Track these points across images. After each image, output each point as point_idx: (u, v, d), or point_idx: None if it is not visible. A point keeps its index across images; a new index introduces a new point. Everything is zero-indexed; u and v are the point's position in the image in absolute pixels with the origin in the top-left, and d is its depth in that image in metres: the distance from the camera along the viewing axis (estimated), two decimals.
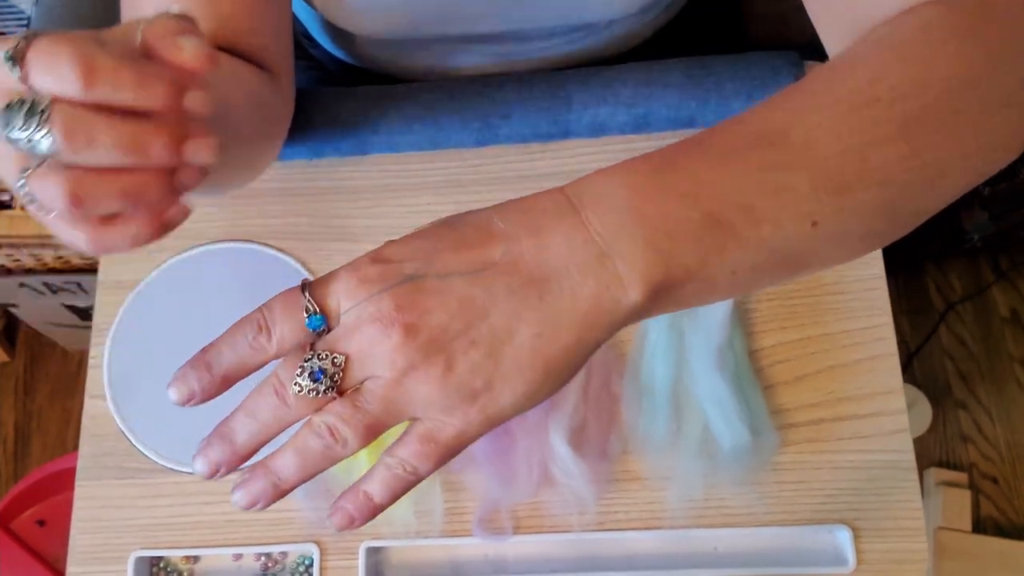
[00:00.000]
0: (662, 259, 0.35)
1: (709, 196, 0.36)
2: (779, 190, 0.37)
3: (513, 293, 0.35)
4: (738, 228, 0.36)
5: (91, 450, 0.66)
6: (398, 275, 0.35)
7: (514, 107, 0.69)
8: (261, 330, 0.36)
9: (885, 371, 0.63)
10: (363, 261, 0.36)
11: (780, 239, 0.37)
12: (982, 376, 1.40)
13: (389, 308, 0.34)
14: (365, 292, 0.35)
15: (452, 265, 0.35)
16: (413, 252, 0.36)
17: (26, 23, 1.10)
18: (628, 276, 0.35)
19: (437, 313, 0.35)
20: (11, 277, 1.21)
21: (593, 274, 0.35)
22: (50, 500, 1.29)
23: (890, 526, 0.61)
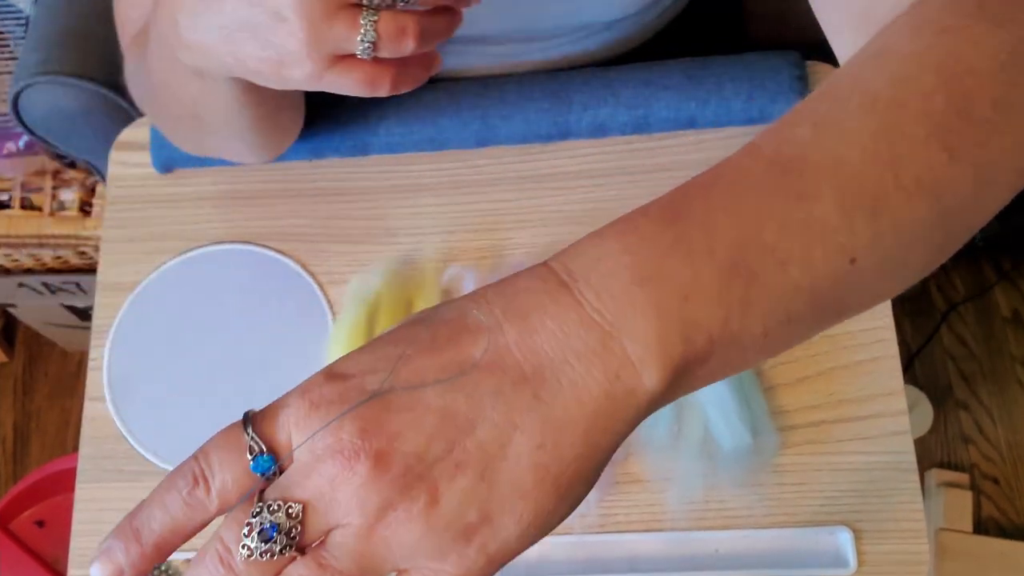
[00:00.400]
0: (679, 330, 0.30)
1: (724, 244, 0.31)
2: (806, 224, 0.32)
3: (502, 397, 0.29)
4: (763, 276, 0.31)
5: (91, 452, 0.66)
6: (359, 393, 0.29)
7: (514, 108, 0.68)
8: (197, 482, 0.30)
9: (886, 372, 0.63)
10: (316, 380, 0.30)
11: (814, 281, 0.32)
12: (984, 377, 1.40)
13: (351, 436, 0.28)
14: (319, 419, 0.29)
15: (424, 372, 0.29)
16: (375, 362, 0.30)
17: (25, 23, 1.09)
18: (641, 358, 0.29)
19: (411, 434, 0.29)
20: (10, 277, 1.21)
21: (598, 361, 0.29)
22: (49, 501, 1.29)
23: (891, 527, 0.61)
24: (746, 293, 0.31)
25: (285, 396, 0.30)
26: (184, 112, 0.53)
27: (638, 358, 0.29)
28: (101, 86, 0.82)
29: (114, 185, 0.72)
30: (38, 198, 1.11)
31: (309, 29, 0.40)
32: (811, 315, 0.33)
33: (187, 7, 0.42)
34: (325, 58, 0.41)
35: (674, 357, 0.30)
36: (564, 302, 0.30)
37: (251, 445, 0.29)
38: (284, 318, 0.67)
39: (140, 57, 0.55)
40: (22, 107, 0.84)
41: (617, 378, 0.29)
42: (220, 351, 0.66)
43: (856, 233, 0.32)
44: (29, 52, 0.84)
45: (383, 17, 0.41)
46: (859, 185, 0.32)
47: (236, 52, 0.42)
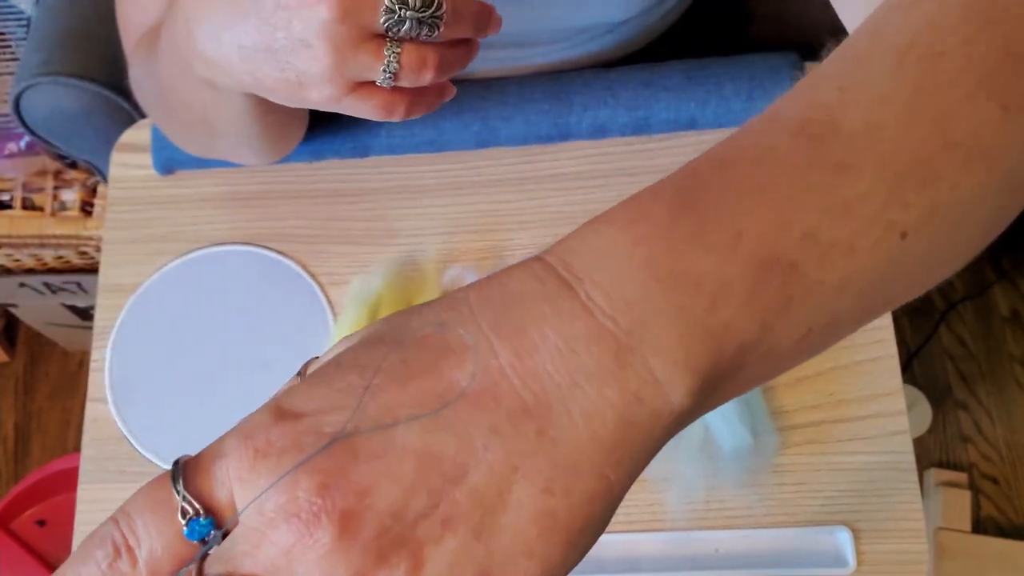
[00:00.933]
0: (708, 339, 0.25)
1: (755, 232, 0.26)
2: (848, 201, 0.26)
3: (499, 434, 0.23)
4: (803, 269, 0.26)
5: (93, 453, 0.66)
6: (316, 436, 0.23)
7: (515, 109, 0.69)
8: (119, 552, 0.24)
9: (885, 372, 0.63)
10: (261, 420, 0.24)
11: (863, 270, 0.27)
12: (982, 376, 1.40)
13: (308, 494, 0.22)
14: (268, 472, 0.23)
15: (396, 406, 0.24)
16: (336, 397, 0.24)
17: (26, 24, 1.09)
18: (666, 374, 0.24)
19: (385, 487, 0.23)
20: (11, 277, 1.21)
21: (614, 382, 0.24)
22: (50, 500, 1.29)
23: (890, 527, 0.61)
24: (785, 291, 0.26)
25: (223, 440, 0.24)
26: (193, 118, 0.53)
27: (663, 374, 0.24)
28: (102, 87, 0.82)
29: (115, 187, 0.72)
30: (39, 198, 1.12)
31: (334, 56, 0.40)
32: (857, 311, 0.28)
33: (206, 21, 0.42)
34: (346, 84, 0.42)
35: (702, 371, 0.25)
36: (568, 309, 0.24)
37: (183, 506, 0.24)
38: (285, 319, 0.67)
39: (146, 62, 0.55)
40: (23, 108, 0.84)
41: (639, 400, 0.24)
42: (221, 352, 0.67)
43: (907, 207, 0.27)
44: (30, 53, 0.84)
45: (406, 49, 0.42)
46: (904, 150, 0.27)
47: (255, 72, 0.42)
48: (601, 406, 0.24)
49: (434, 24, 0.41)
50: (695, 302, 0.25)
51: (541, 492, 0.23)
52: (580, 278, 0.25)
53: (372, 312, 0.64)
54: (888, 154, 0.27)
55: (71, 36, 0.84)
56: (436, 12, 0.41)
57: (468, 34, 0.44)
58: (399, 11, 0.40)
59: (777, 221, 0.26)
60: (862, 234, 0.26)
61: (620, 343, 0.24)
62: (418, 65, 0.42)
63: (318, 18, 0.39)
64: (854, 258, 0.26)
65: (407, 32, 0.41)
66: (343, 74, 0.41)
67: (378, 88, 0.43)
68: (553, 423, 0.24)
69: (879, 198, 0.27)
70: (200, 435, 0.72)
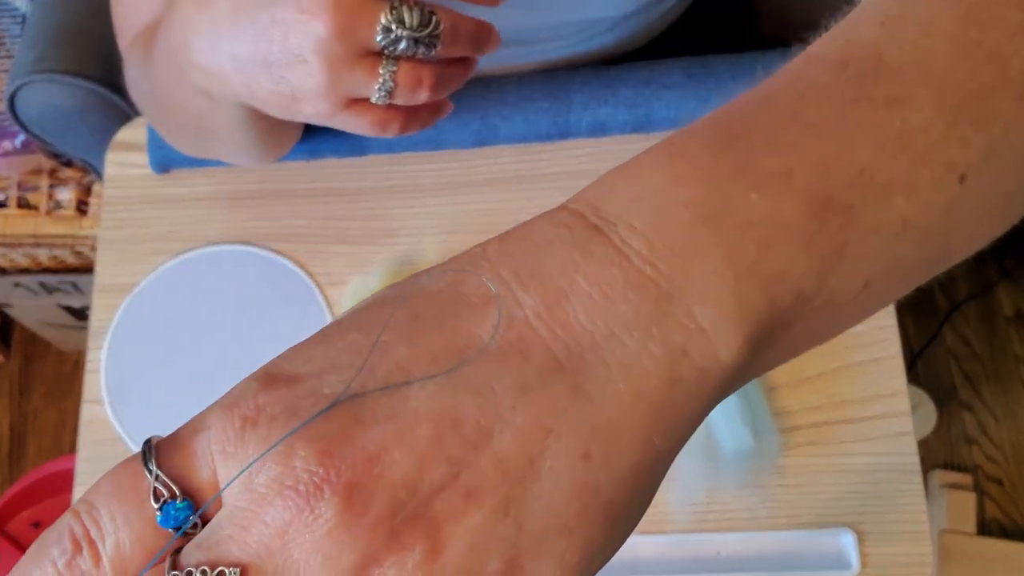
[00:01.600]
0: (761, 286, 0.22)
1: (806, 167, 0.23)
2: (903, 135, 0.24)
3: (527, 393, 0.20)
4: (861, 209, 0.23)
5: (89, 455, 0.65)
6: (314, 399, 0.20)
7: (514, 107, 0.68)
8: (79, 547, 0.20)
9: (889, 373, 0.63)
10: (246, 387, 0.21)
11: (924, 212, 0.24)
12: (987, 377, 1.39)
13: (307, 463, 0.19)
14: (257, 441, 0.20)
15: (408, 364, 0.21)
16: (336, 355, 0.21)
17: (21, 21, 1.09)
18: (715, 325, 0.21)
19: (397, 455, 0.20)
20: (6, 277, 1.21)
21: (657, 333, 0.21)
22: (46, 502, 1.29)
23: (894, 529, 0.61)
24: (843, 234, 0.23)
25: (203, 413, 0.21)
26: (188, 121, 0.53)
27: (711, 325, 0.21)
28: (97, 84, 0.82)
29: (111, 186, 0.71)
30: (34, 197, 1.11)
31: (329, 73, 0.40)
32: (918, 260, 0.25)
33: (203, 32, 0.42)
34: (340, 100, 0.42)
35: (756, 322, 0.22)
36: (601, 254, 0.22)
37: (155, 487, 0.20)
38: (283, 319, 0.66)
39: (141, 63, 0.55)
40: (18, 105, 0.83)
41: (684, 355, 0.21)
42: (218, 352, 0.66)
43: (967, 144, 0.25)
44: (25, 50, 0.83)
45: (402, 67, 0.41)
46: (958, 83, 0.25)
47: (250, 84, 0.42)
48: (643, 360, 0.21)
49: (431, 43, 0.41)
50: (746, 246, 0.22)
51: (579, 459, 0.20)
52: (613, 223, 0.22)
53: None
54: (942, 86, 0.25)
55: (66, 33, 0.84)
56: (433, 31, 0.41)
57: (466, 52, 0.44)
58: (396, 30, 0.40)
59: (829, 157, 0.23)
60: (920, 172, 0.24)
61: (661, 290, 0.21)
62: (413, 84, 0.42)
63: (314, 35, 0.39)
64: (913, 198, 0.24)
65: (404, 51, 0.41)
66: (337, 90, 0.41)
67: (373, 105, 0.43)
68: (589, 378, 0.21)
69: (936, 132, 0.24)
70: None
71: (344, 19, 0.39)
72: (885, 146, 0.24)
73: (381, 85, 0.41)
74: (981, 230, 0.27)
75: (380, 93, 0.42)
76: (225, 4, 0.41)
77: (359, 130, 0.44)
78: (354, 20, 0.39)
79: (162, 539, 0.20)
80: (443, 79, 0.43)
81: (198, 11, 0.42)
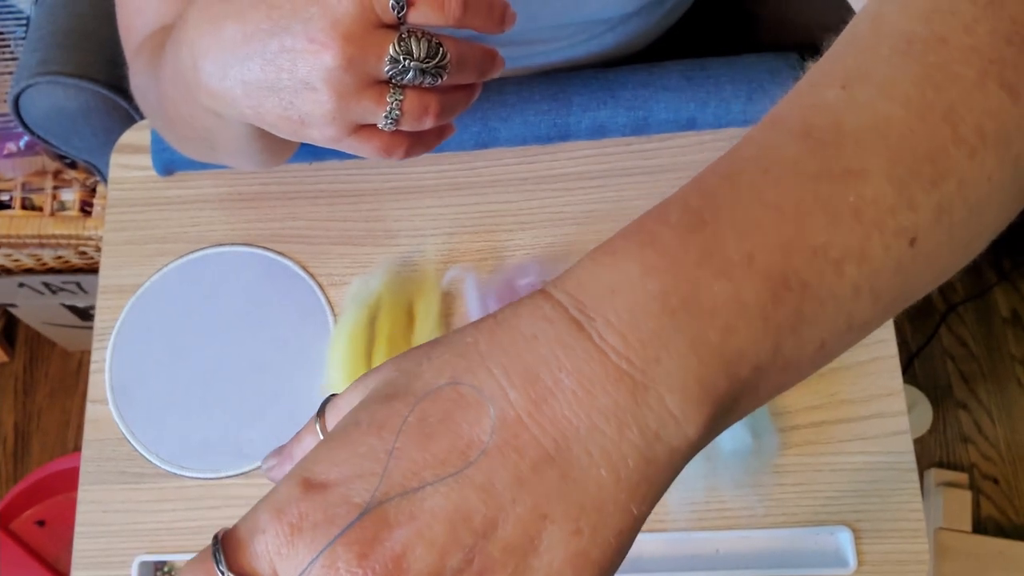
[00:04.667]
0: (723, 367, 0.25)
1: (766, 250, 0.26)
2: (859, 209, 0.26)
3: (524, 485, 0.24)
4: (816, 283, 0.26)
5: (93, 454, 0.66)
6: (347, 507, 0.24)
7: (514, 110, 0.68)
8: None
9: (886, 373, 0.63)
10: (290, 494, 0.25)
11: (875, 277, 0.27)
12: (983, 377, 1.40)
13: (349, 564, 0.23)
14: (307, 547, 0.24)
15: (421, 469, 0.24)
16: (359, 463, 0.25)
17: (25, 23, 1.09)
18: (682, 408, 0.25)
19: (420, 550, 0.23)
20: (10, 277, 1.21)
21: (633, 421, 0.24)
22: (50, 500, 1.29)
23: (891, 527, 0.61)
24: (798, 309, 0.26)
25: (256, 515, 0.25)
26: (194, 135, 0.54)
27: (679, 410, 0.25)
28: (101, 86, 0.82)
29: (115, 188, 0.72)
30: (39, 198, 1.11)
31: (337, 101, 0.40)
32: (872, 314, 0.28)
33: (212, 57, 0.42)
34: (347, 127, 0.42)
35: (718, 400, 0.25)
36: (582, 351, 0.25)
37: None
38: (285, 320, 0.67)
39: (146, 72, 0.55)
40: (23, 107, 0.84)
41: (658, 438, 0.24)
42: (222, 353, 0.67)
43: (917, 208, 0.27)
44: (29, 52, 0.84)
45: (409, 96, 0.42)
46: (911, 147, 0.27)
47: (257, 107, 0.42)
48: (621, 446, 0.24)
49: (438, 73, 0.41)
50: (709, 332, 0.25)
51: (571, 535, 0.24)
52: (592, 317, 0.25)
53: (372, 313, 0.64)
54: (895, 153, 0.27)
55: (70, 35, 0.84)
56: (440, 62, 0.41)
57: (472, 79, 0.44)
58: (403, 61, 0.40)
59: (788, 239, 0.26)
60: (871, 241, 0.26)
61: (636, 382, 0.24)
62: (420, 112, 0.42)
63: (323, 64, 0.39)
64: (864, 265, 0.26)
65: (410, 80, 0.41)
66: (345, 118, 0.41)
67: (379, 131, 0.43)
68: (575, 466, 0.24)
69: (888, 201, 0.26)
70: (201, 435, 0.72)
71: (353, 50, 0.39)
72: (840, 222, 0.26)
73: (388, 113, 0.42)
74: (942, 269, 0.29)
75: (387, 120, 0.42)
76: (235, 30, 0.41)
77: (365, 154, 0.44)
78: (363, 51, 0.39)
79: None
80: (448, 105, 0.44)
81: (207, 35, 0.42)
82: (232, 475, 0.64)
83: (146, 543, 0.64)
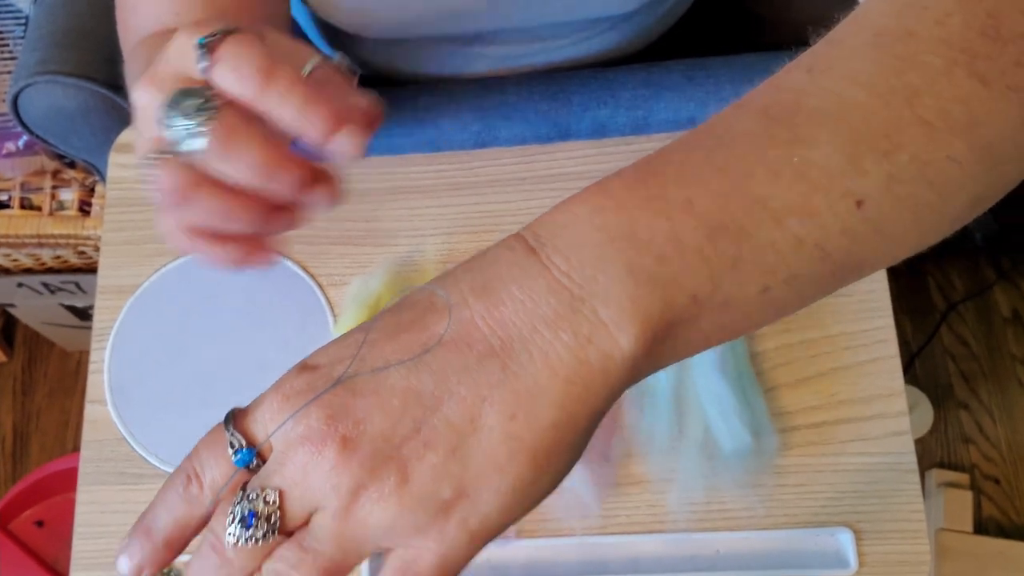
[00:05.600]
0: (656, 290, 0.28)
1: (706, 197, 0.29)
2: (803, 170, 0.29)
3: (469, 372, 0.28)
4: (753, 230, 0.28)
5: (92, 455, 0.66)
6: (326, 381, 0.29)
7: (514, 109, 0.68)
8: (191, 480, 0.31)
9: (887, 373, 0.63)
10: (290, 374, 0.31)
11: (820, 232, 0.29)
12: (984, 376, 1.40)
13: (318, 422, 0.29)
14: (289, 409, 0.29)
15: (388, 355, 0.29)
16: (342, 351, 0.30)
17: (24, 23, 1.09)
18: (615, 320, 0.28)
19: (376, 417, 0.28)
20: (9, 277, 1.21)
21: (567, 326, 0.28)
22: (49, 501, 1.29)
23: (892, 528, 0.61)
24: (736, 250, 0.28)
25: (262, 394, 0.31)
26: None
27: (611, 320, 0.28)
28: (100, 86, 0.82)
29: (113, 187, 0.72)
30: (38, 198, 1.11)
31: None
32: (821, 270, 0.30)
33: None
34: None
35: (652, 319, 0.28)
36: (531, 269, 0.29)
37: (231, 440, 0.30)
38: (285, 320, 0.67)
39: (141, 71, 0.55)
40: (21, 107, 0.84)
41: (589, 342, 0.28)
42: (221, 353, 0.66)
43: (866, 174, 0.29)
44: (28, 52, 0.84)
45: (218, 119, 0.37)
46: (866, 123, 0.29)
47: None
48: (556, 346, 0.28)
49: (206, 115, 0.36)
50: (645, 259, 0.28)
51: (508, 419, 0.28)
52: (544, 244, 0.29)
53: (372, 313, 0.64)
54: (849, 127, 0.29)
55: (69, 35, 0.84)
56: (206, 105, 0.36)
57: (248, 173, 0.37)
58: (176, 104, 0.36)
59: (727, 188, 0.29)
60: (813, 198, 0.29)
61: (574, 295, 0.28)
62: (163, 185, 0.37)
63: None
64: (809, 220, 0.29)
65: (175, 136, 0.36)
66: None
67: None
68: (515, 360, 0.28)
69: (834, 165, 0.29)
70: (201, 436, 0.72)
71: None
72: (781, 179, 0.29)
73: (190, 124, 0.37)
74: (901, 245, 0.31)
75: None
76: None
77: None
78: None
79: (237, 475, 0.30)
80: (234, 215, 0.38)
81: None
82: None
83: None
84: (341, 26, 0.67)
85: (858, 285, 0.65)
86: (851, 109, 0.29)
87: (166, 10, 0.55)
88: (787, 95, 0.30)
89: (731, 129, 0.30)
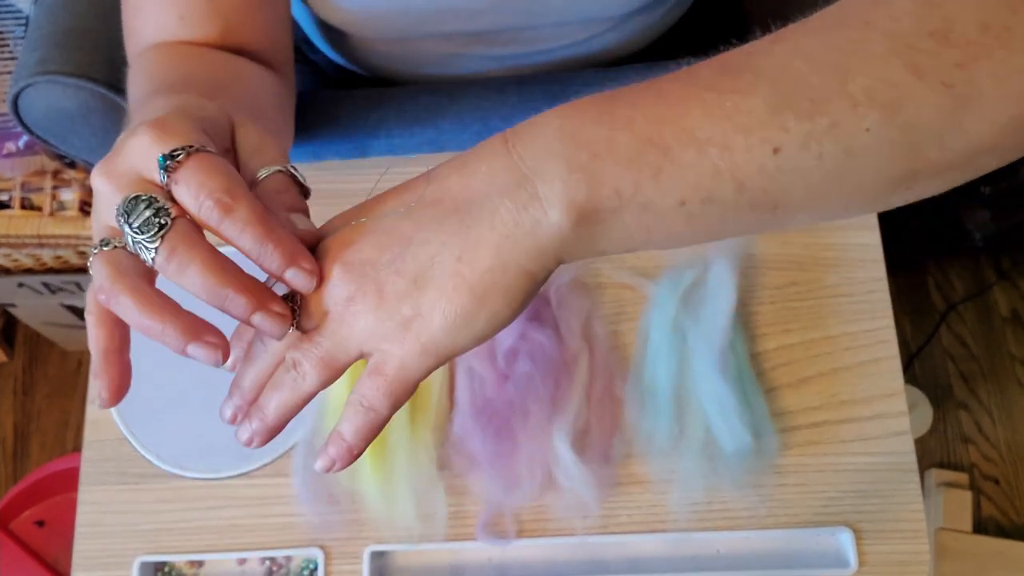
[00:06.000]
0: (585, 179, 0.35)
1: (646, 119, 0.35)
2: (731, 114, 0.34)
3: (437, 222, 0.36)
4: (678, 151, 0.34)
5: (93, 455, 0.66)
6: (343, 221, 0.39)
7: (514, 108, 0.68)
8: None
9: (887, 373, 0.63)
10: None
11: (736, 166, 0.34)
12: (983, 376, 1.40)
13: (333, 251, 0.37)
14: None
15: (387, 207, 0.38)
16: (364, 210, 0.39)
17: (24, 23, 1.09)
18: (548, 196, 0.35)
19: (367, 247, 0.37)
20: (10, 277, 1.21)
21: (511, 196, 0.35)
22: (49, 500, 1.29)
23: (892, 527, 0.61)
24: (659, 163, 0.34)
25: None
26: None
27: (544, 196, 0.35)
28: (101, 86, 0.82)
29: None
30: (38, 198, 1.11)
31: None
32: (736, 200, 0.35)
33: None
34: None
35: (578, 201, 0.35)
36: (499, 154, 0.36)
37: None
38: None
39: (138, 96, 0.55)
40: (22, 107, 0.84)
41: (525, 209, 0.35)
42: None
43: (785, 129, 0.34)
44: (28, 52, 0.84)
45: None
46: (797, 87, 0.34)
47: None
48: (501, 210, 0.35)
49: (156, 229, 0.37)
50: (582, 154, 0.35)
51: (456, 259, 0.36)
52: (513, 139, 0.36)
53: None
54: (783, 87, 0.34)
55: (69, 35, 0.84)
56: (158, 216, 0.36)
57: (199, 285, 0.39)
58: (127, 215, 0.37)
59: (664, 116, 0.35)
60: (735, 138, 0.34)
61: (522, 174, 0.35)
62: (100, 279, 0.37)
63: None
64: (727, 154, 0.34)
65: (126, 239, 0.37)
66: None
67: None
68: (471, 217, 0.36)
69: (759, 116, 0.34)
70: (201, 435, 0.71)
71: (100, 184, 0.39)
72: (711, 117, 0.34)
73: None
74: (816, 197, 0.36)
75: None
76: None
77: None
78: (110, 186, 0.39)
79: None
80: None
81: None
82: (232, 475, 0.64)
83: (146, 543, 0.64)
84: (341, 26, 0.67)
85: (858, 286, 0.65)
86: (788, 73, 0.34)
87: (172, 16, 0.55)
88: (744, 56, 0.36)
89: (691, 73, 0.36)
